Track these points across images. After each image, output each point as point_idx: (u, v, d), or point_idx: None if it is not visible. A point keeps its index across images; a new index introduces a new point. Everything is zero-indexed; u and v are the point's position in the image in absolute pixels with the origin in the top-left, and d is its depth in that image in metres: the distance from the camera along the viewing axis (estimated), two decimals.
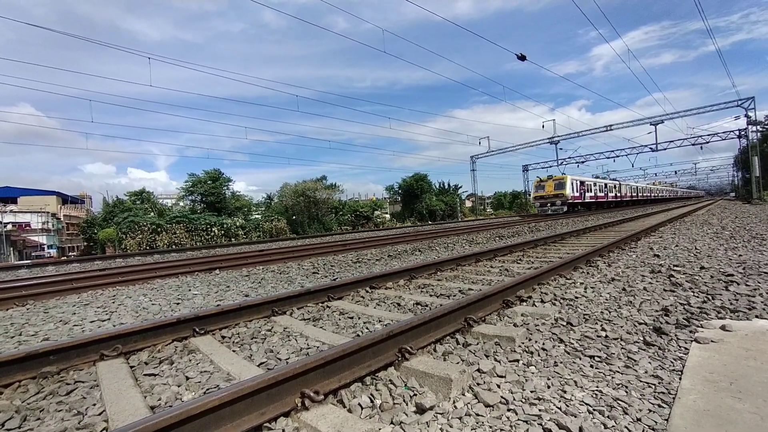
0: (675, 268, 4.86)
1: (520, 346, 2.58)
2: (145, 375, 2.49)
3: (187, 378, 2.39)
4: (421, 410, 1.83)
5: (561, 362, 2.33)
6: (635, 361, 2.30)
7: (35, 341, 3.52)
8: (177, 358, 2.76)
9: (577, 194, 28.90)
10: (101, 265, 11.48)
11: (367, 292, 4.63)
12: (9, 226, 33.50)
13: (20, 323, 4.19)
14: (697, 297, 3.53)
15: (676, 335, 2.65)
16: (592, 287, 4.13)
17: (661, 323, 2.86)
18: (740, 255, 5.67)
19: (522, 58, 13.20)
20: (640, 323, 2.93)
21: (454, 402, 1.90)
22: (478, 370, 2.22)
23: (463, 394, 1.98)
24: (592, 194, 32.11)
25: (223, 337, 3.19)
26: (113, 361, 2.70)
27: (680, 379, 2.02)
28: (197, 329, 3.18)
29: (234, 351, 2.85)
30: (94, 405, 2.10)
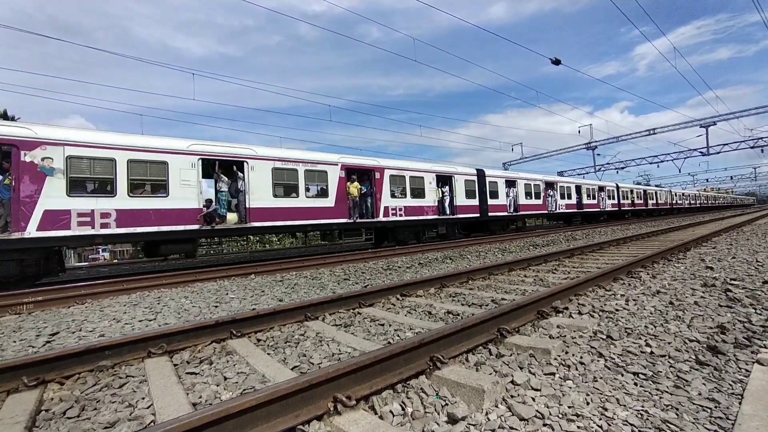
0: (732, 281, 4.47)
1: (556, 359, 2.48)
2: (187, 373, 2.63)
3: (225, 378, 2.50)
4: (453, 420, 1.81)
5: (601, 378, 2.21)
6: (687, 381, 2.13)
7: (93, 337, 3.83)
8: (215, 359, 2.89)
9: None
10: (147, 267, 12.31)
11: (398, 299, 4.63)
12: None
13: (80, 320, 4.57)
14: (760, 314, 3.22)
15: (734, 355, 2.44)
16: (634, 300, 3.89)
17: (717, 341, 2.64)
18: None
19: (556, 62, 12.80)
20: (692, 340, 2.72)
21: (486, 413, 1.86)
22: (512, 381, 2.15)
23: (497, 406, 1.92)
24: None
25: (259, 340, 3.31)
26: (159, 358, 2.88)
27: (740, 403, 1.85)
28: (234, 331, 3.33)
29: (268, 354, 2.95)
30: (143, 399, 2.24)
